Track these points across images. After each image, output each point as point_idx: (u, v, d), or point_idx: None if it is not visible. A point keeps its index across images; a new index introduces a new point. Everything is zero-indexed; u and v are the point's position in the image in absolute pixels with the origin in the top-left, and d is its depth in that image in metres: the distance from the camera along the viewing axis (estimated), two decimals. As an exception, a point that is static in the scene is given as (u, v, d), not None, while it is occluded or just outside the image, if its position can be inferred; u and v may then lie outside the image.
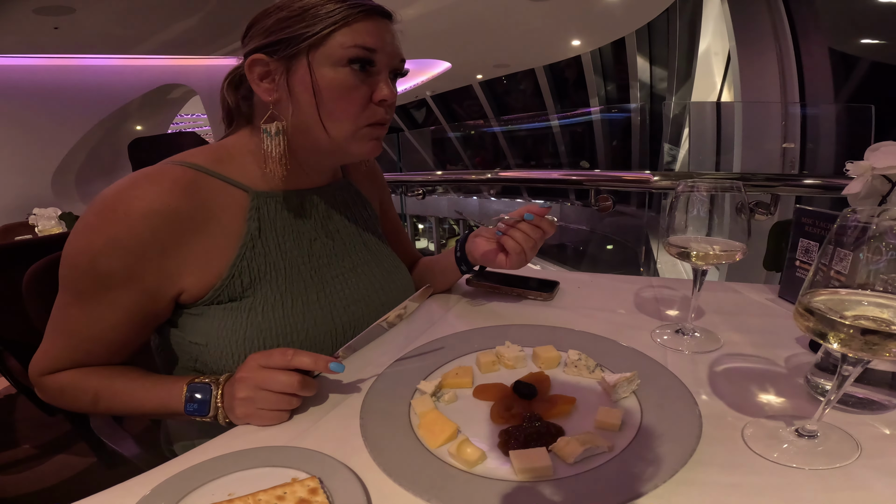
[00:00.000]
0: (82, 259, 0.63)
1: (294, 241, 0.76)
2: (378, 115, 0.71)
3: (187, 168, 0.68)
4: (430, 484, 0.47)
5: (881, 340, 0.40)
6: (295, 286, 0.74)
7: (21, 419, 2.07)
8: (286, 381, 0.58)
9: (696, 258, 0.70)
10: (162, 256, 0.64)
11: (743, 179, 1.81)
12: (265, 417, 0.59)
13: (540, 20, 6.05)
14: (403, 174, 3.80)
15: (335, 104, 0.68)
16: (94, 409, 0.70)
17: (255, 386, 0.59)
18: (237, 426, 0.61)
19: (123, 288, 0.64)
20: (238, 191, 0.71)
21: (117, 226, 0.62)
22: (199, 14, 4.38)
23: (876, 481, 0.46)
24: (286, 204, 0.75)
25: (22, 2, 3.72)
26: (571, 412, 0.58)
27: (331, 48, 0.66)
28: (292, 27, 0.66)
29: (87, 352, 0.68)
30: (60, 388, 0.69)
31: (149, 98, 6.00)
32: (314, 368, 0.60)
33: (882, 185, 0.73)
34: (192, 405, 0.63)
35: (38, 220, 2.71)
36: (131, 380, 0.68)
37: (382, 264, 0.88)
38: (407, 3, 5.06)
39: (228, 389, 0.62)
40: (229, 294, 0.69)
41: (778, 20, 4.05)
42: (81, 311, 0.65)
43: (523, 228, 0.85)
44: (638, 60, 8.03)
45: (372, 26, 0.67)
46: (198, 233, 0.66)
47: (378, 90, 0.69)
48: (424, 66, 9.19)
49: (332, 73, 0.66)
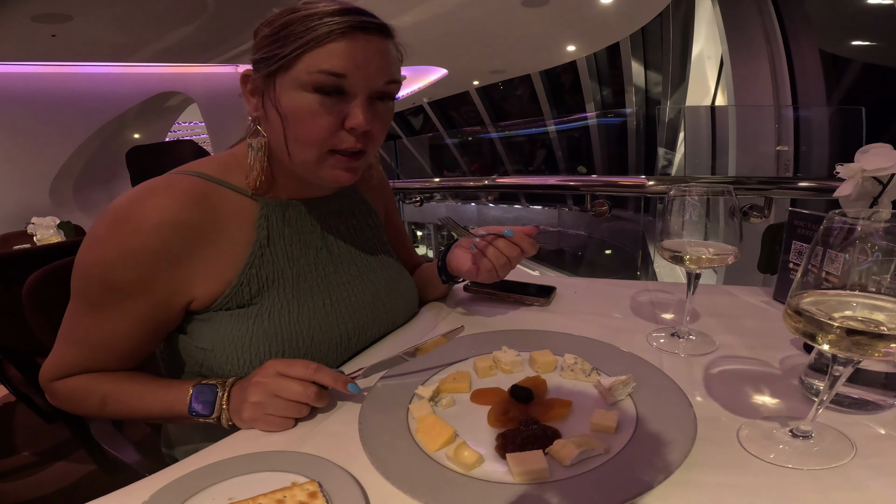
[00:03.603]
0: (95, 270, 0.63)
1: (301, 249, 0.76)
2: (347, 143, 0.66)
3: (197, 178, 0.68)
4: (428, 487, 0.48)
5: (869, 341, 0.41)
6: (302, 293, 0.74)
7: (20, 427, 2.06)
8: (303, 391, 0.60)
9: (689, 262, 0.71)
10: (173, 267, 0.65)
11: (738, 183, 1.83)
12: (272, 423, 0.60)
13: (535, 26, 6.09)
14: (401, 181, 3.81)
15: (298, 129, 0.65)
16: (101, 413, 0.70)
17: (270, 392, 0.60)
18: (239, 430, 0.61)
19: (135, 298, 0.65)
20: (247, 199, 0.72)
21: (130, 237, 0.62)
22: (197, 22, 4.40)
23: (871, 481, 0.47)
24: (294, 212, 0.76)
25: (20, 9, 3.73)
26: (568, 415, 0.59)
27: (297, 71, 0.62)
28: (268, 47, 0.64)
29: (98, 359, 0.69)
30: (70, 393, 0.70)
31: (147, 106, 6.00)
32: (334, 387, 0.62)
33: (873, 187, 0.74)
34: (196, 406, 0.63)
35: (36, 229, 2.70)
36: (139, 383, 0.69)
37: (387, 272, 0.88)
38: (403, 11, 5.09)
39: (238, 392, 0.62)
40: (238, 301, 0.69)
41: (769, 23, 4.10)
42: (93, 320, 0.66)
43: (499, 246, 0.80)
44: (633, 65, 8.09)
45: (348, 47, 0.62)
46: (208, 242, 0.67)
47: (351, 116, 0.64)
48: (421, 73, 9.23)
49: (297, 97, 0.63)
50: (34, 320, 0.84)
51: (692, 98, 6.07)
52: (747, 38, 4.25)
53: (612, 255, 7.06)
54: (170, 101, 6.40)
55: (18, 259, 1.59)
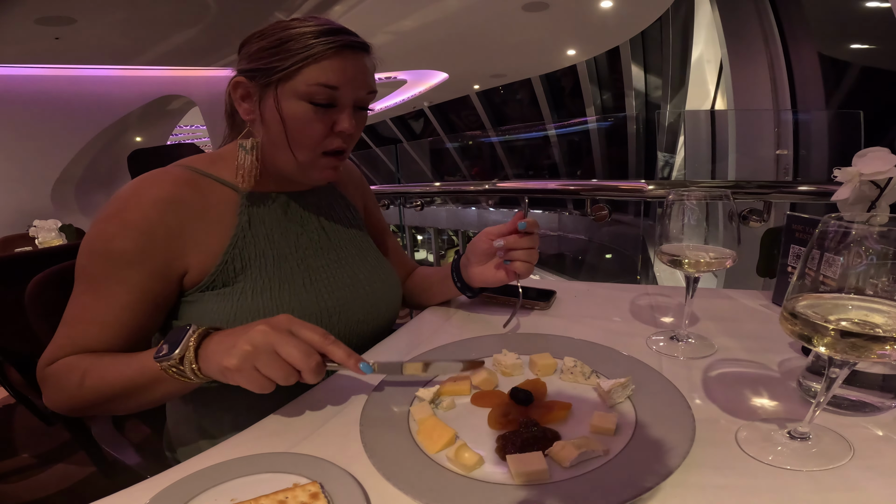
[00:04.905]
0: (97, 244, 0.69)
1: (282, 234, 0.82)
2: (335, 144, 0.76)
3: (186, 169, 0.77)
4: (428, 488, 0.48)
5: (864, 343, 0.41)
6: (283, 273, 0.79)
7: (20, 428, 2.07)
8: (303, 358, 0.55)
9: (688, 266, 0.71)
10: (169, 238, 0.71)
11: (737, 187, 1.83)
12: (253, 380, 0.56)
13: (535, 30, 6.11)
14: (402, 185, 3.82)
15: (298, 133, 0.74)
16: (79, 392, 0.66)
17: (269, 344, 0.55)
18: (239, 431, 0.61)
19: (135, 267, 0.69)
20: (229, 190, 0.79)
21: (130, 213, 0.70)
22: (199, 25, 4.41)
23: (869, 482, 0.47)
24: (274, 203, 0.83)
25: (23, 12, 3.74)
26: (567, 417, 0.59)
27: (297, 83, 0.71)
28: (267, 59, 0.72)
29: (95, 336, 0.69)
30: (56, 373, 0.68)
31: (148, 109, 6.01)
32: (345, 363, 0.58)
33: (870, 191, 0.74)
34: (163, 347, 0.59)
35: (38, 231, 2.71)
36: (119, 356, 0.67)
37: (367, 259, 0.92)
38: (403, 15, 5.12)
39: (225, 338, 0.58)
40: (223, 280, 0.75)
41: (767, 26, 4.11)
42: (94, 296, 0.69)
43: (522, 245, 0.84)
44: (633, 69, 8.11)
45: (339, 63, 0.72)
46: (198, 219, 0.74)
47: (339, 121, 0.75)
48: (421, 77, 9.26)
49: (296, 105, 0.72)
50: (35, 323, 0.85)
51: (692, 102, 6.09)
52: (746, 41, 4.26)
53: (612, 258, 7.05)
54: (171, 105, 6.41)
55: (20, 262, 1.59)
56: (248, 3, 3.96)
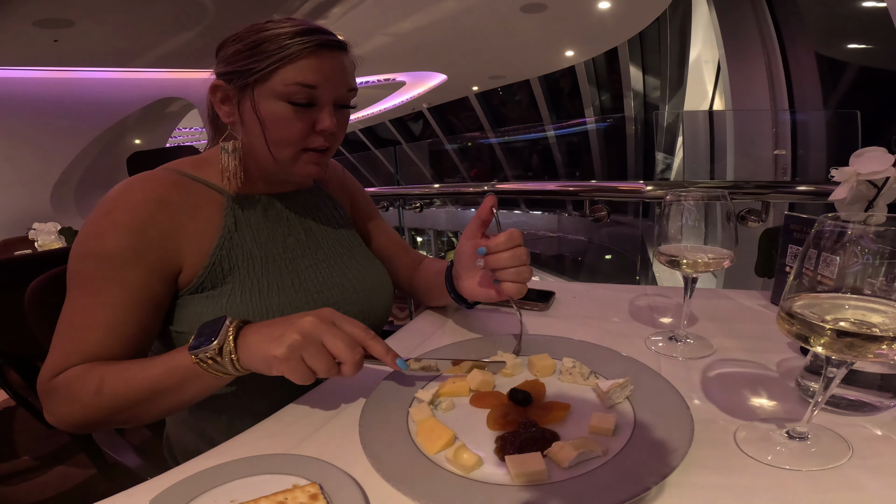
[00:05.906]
0: (89, 245, 0.68)
1: (269, 235, 0.82)
2: (318, 142, 0.76)
3: (172, 172, 0.77)
4: (427, 489, 0.48)
5: (861, 342, 0.41)
6: (271, 273, 0.79)
7: (20, 431, 2.07)
8: (349, 351, 0.57)
9: (686, 266, 0.71)
10: (162, 237, 0.71)
11: (735, 187, 1.83)
12: (298, 371, 0.56)
13: (533, 31, 6.13)
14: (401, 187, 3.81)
15: (277, 133, 0.73)
16: (96, 400, 0.63)
17: (317, 335, 0.56)
18: (239, 433, 0.61)
19: (130, 266, 0.68)
20: (216, 192, 0.79)
21: (120, 213, 0.69)
22: (198, 28, 4.42)
23: (868, 481, 0.47)
24: (260, 204, 0.82)
25: (22, 14, 3.74)
26: (566, 418, 0.59)
27: (274, 84, 0.71)
28: (243, 61, 0.72)
29: (97, 342, 0.66)
30: (66, 384, 0.65)
31: (147, 112, 6.02)
32: (383, 358, 0.61)
33: (868, 190, 0.74)
34: (199, 339, 0.59)
35: (37, 234, 2.71)
36: (137, 360, 0.66)
37: (356, 258, 0.91)
38: (402, 17, 5.13)
39: (265, 328, 0.59)
40: (212, 281, 0.74)
41: (765, 26, 4.12)
42: (91, 300, 0.67)
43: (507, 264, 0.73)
44: (631, 70, 8.12)
45: (316, 62, 0.71)
46: (189, 218, 0.74)
47: (320, 120, 0.74)
48: (420, 79, 9.27)
49: (274, 105, 0.72)
50: (35, 325, 0.85)
51: (690, 102, 6.10)
52: (744, 42, 4.28)
53: (611, 259, 7.06)
54: (170, 107, 6.42)
55: (20, 264, 1.60)
56: (246, 6, 3.97)
